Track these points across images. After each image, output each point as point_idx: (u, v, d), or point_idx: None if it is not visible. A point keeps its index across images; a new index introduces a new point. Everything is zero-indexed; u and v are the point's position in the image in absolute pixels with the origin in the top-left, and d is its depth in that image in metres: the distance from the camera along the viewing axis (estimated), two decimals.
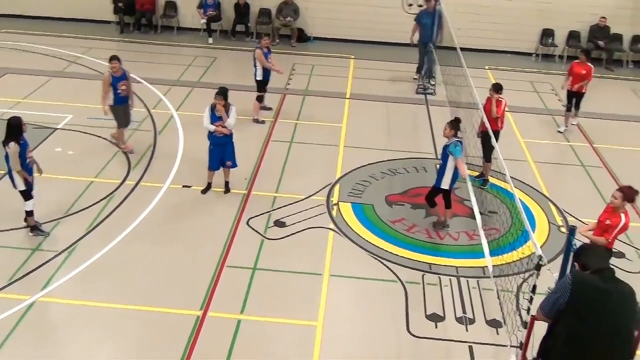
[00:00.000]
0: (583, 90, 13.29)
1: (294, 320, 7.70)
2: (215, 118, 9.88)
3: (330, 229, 9.60)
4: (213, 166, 10.18)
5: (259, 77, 12.90)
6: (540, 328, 5.62)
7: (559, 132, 13.60)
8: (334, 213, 10.00)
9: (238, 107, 10.28)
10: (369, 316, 7.91)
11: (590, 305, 4.48)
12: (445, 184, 9.40)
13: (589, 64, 13.25)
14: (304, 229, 9.51)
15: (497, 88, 10.76)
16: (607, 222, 7.62)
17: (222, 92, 9.93)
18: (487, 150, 10.63)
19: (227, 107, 9.89)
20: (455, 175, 9.33)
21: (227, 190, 10.35)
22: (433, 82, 15.41)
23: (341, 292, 8.33)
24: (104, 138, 11.82)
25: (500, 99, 10.68)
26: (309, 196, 10.38)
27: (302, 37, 19.10)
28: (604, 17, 17.95)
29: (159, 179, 10.64)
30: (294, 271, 8.61)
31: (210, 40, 18.54)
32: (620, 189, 7.71)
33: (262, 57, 12.72)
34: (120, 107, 11.24)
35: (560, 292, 4.61)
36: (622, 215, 7.56)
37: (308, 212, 9.94)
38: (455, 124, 9.44)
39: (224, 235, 9.23)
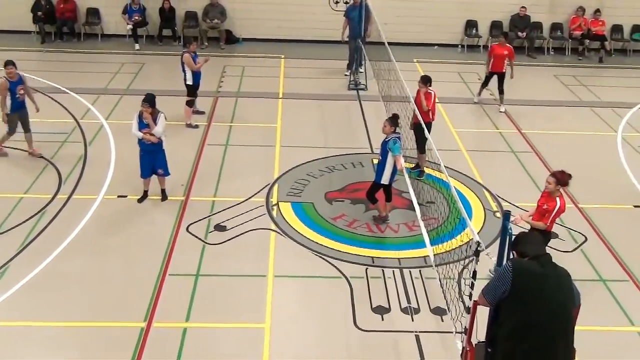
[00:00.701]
0: (504, 70, 13.90)
1: (241, 324, 7.63)
2: (143, 125, 9.69)
3: (271, 229, 9.56)
4: (145, 174, 9.98)
5: (189, 82, 12.73)
6: (483, 312, 5.76)
7: (475, 102, 14.40)
8: (274, 214, 9.97)
9: (170, 113, 10.13)
10: (316, 314, 7.92)
11: (531, 291, 4.61)
12: (385, 180, 9.50)
13: (509, 45, 13.86)
14: (245, 232, 9.44)
15: (425, 80, 10.95)
16: (545, 206, 7.87)
17: (149, 99, 9.72)
18: (421, 142, 10.81)
19: (155, 114, 9.68)
20: (395, 170, 9.45)
21: (164, 197, 10.17)
22: (361, 70, 15.61)
23: (287, 292, 8.31)
24: (29, 152, 11.40)
25: (429, 91, 10.88)
26: (248, 198, 10.31)
27: (230, 38, 18.97)
28: (524, 7, 18.57)
29: (92, 191, 10.35)
30: (237, 275, 8.53)
31: (137, 46, 18.18)
32: (553, 174, 7.93)
33: (191, 61, 12.55)
34: (17, 114, 11.07)
35: (501, 280, 4.73)
36: (558, 200, 7.82)
37: (248, 214, 9.88)
38: (394, 120, 9.55)
39: (163, 244, 9.06)
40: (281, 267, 8.72)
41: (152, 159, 9.90)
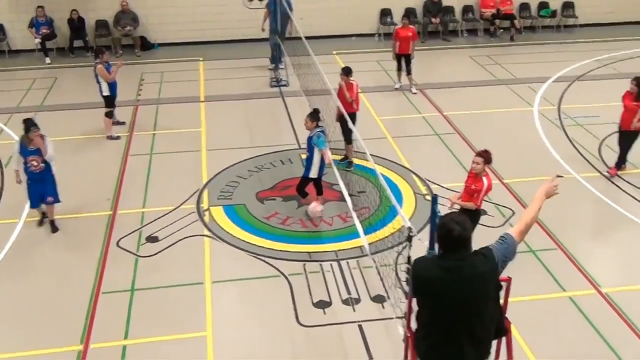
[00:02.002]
0: (410, 51, 14.29)
1: (182, 335, 7.48)
2: (27, 152, 9.07)
3: (205, 235, 9.42)
4: (33, 204, 9.47)
5: (106, 93, 12.34)
6: None
7: (395, 88, 14.69)
8: (206, 219, 9.82)
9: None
10: (257, 315, 7.86)
11: (428, 293, 4.68)
12: (314, 174, 9.50)
13: (412, 27, 14.22)
14: (178, 240, 9.27)
15: (347, 72, 11.01)
16: (473, 187, 8.03)
17: (34, 123, 9.07)
18: (347, 133, 10.87)
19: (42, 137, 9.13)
20: (323, 163, 9.45)
21: (54, 229, 9.50)
22: (282, 67, 15.57)
23: (226, 297, 8.21)
24: None
25: (351, 82, 10.95)
26: (178, 206, 10.12)
27: (145, 44, 18.55)
28: None
29: (13, 214, 9.93)
30: (174, 285, 8.36)
31: (48, 60, 17.52)
32: (479, 154, 8.05)
33: (105, 71, 12.16)
34: None
35: (411, 277, 4.82)
36: (484, 179, 7.99)
37: (179, 222, 9.69)
38: (314, 115, 9.55)
39: (94, 262, 8.78)
40: (218, 272, 8.61)
41: (41, 186, 9.29)
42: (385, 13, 19.23)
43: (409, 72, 14.65)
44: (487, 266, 4.67)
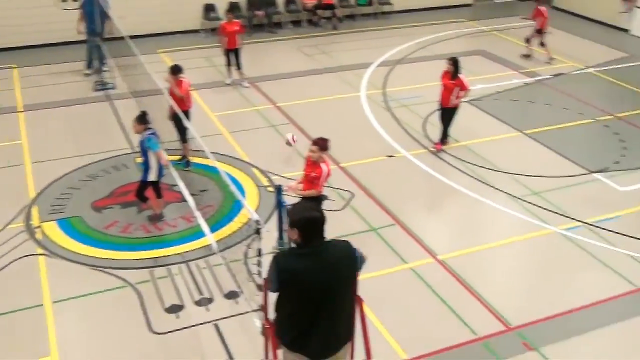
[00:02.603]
0: (238, 46, 14.34)
1: None
2: None
3: (38, 254, 8.80)
4: None
5: None
6: None
7: (227, 83, 14.65)
8: (38, 237, 9.17)
9: None
10: (107, 330, 7.50)
11: (293, 286, 4.76)
12: (152, 177, 9.20)
13: (237, 20, 14.46)
14: (9, 263, 8.57)
15: (174, 71, 10.77)
16: (312, 174, 8.19)
17: None
18: (181, 131, 10.65)
19: None
20: (160, 165, 9.18)
21: None
22: (106, 69, 14.92)
23: (70, 316, 7.73)
24: None
25: (180, 79, 10.72)
26: (4, 227, 9.35)
27: None
28: None
29: None
30: (10, 311, 7.72)
31: None
32: (314, 142, 8.24)
33: None
34: None
35: (271, 276, 4.83)
36: (323, 165, 8.18)
37: (8, 244, 8.96)
38: (141, 118, 9.19)
39: None
40: (58, 291, 8.08)
41: None
42: (209, 8, 19.01)
43: (239, 67, 14.64)
44: (347, 248, 4.88)
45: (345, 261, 4.88)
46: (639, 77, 15.81)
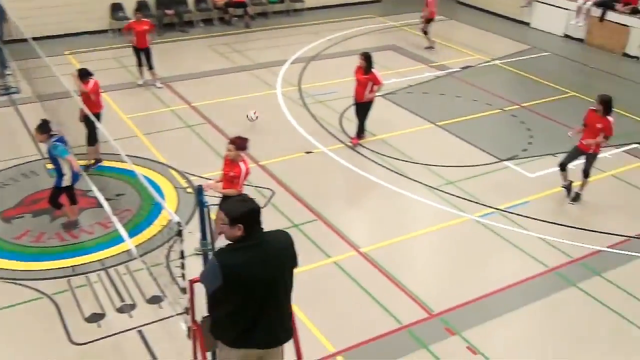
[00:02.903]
0: (148, 45, 14.11)
1: None
2: None
3: None
4: None
5: None
6: (202, 288, 5.83)
7: (139, 84, 14.40)
8: None
9: None
10: (23, 345, 7.18)
11: (240, 283, 4.66)
12: (65, 183, 8.85)
13: (146, 20, 14.27)
14: None
15: (81, 74, 10.41)
16: (231, 173, 8.08)
17: None
18: (92, 133, 10.35)
19: None
20: (73, 171, 8.85)
21: None
22: (9, 73, 14.26)
23: None
24: None
25: (88, 82, 10.37)
26: None
27: None
28: None
29: None
30: None
31: None
32: (231, 141, 8.12)
33: None
34: None
35: (213, 274, 4.67)
36: (242, 164, 8.08)
37: None
38: (42, 127, 8.80)
39: None
40: None
41: None
42: (116, 8, 18.49)
43: (150, 67, 14.32)
44: (288, 238, 4.93)
45: (287, 252, 4.88)
46: (541, 67, 16.60)
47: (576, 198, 10.32)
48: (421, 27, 17.71)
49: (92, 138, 10.48)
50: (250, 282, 4.67)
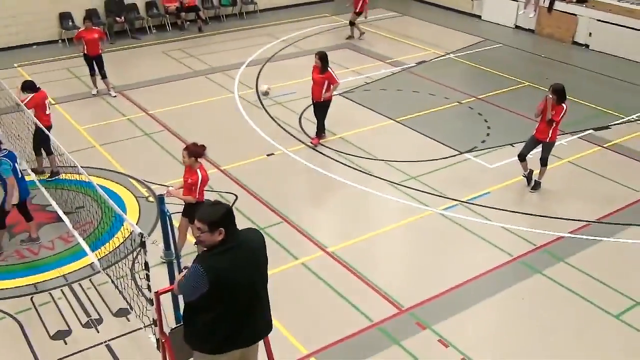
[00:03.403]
0: (100, 53, 13.93)
1: None
2: None
3: None
4: None
5: None
6: (167, 298, 5.74)
7: (94, 94, 14.23)
8: None
9: None
10: None
11: (225, 287, 4.64)
12: (12, 201, 8.54)
13: (96, 28, 14.18)
14: None
15: (25, 87, 10.19)
16: (189, 180, 7.96)
17: None
18: (46, 145, 10.21)
19: None
20: (21, 187, 8.56)
21: None
22: None
23: None
24: None
25: (27, 95, 10.14)
26: None
27: None
28: None
29: None
30: None
31: None
32: (186, 148, 7.99)
33: None
34: None
35: (197, 281, 4.59)
36: (198, 171, 7.96)
37: None
38: None
39: None
40: None
41: None
42: (65, 17, 18.12)
43: (103, 76, 14.06)
44: (260, 237, 4.97)
45: (261, 251, 4.94)
46: (494, 59, 16.85)
47: (536, 186, 10.50)
48: (352, 19, 18.19)
49: (48, 149, 10.31)
50: (235, 285, 4.67)
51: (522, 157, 10.39)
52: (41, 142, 10.29)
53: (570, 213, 9.90)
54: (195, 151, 7.87)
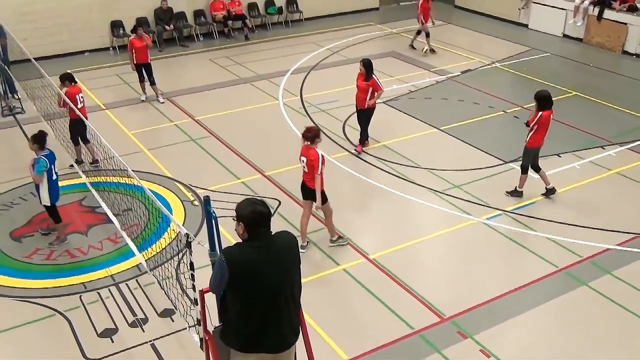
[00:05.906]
0: (149, 60, 14.27)
1: None
2: None
3: None
4: None
5: None
6: (211, 298, 5.86)
7: (142, 100, 14.55)
8: None
9: None
10: None
11: (247, 279, 4.75)
12: (45, 201, 8.94)
13: (147, 35, 14.60)
14: None
15: (64, 79, 10.96)
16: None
17: None
18: (83, 135, 11.18)
19: None
20: (52, 188, 8.92)
21: None
22: (17, 97, 14.36)
23: None
24: None
25: (67, 87, 10.88)
26: None
27: None
28: (165, 0, 18.76)
29: None
30: None
31: None
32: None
33: None
34: None
35: (220, 271, 4.78)
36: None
37: None
38: (36, 137, 8.94)
39: None
40: None
41: None
42: (116, 25, 18.62)
43: (152, 82, 14.40)
44: (292, 239, 5.02)
45: (291, 252, 4.98)
46: (541, 68, 16.64)
47: (514, 193, 10.49)
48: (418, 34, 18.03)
49: (74, 139, 11.13)
50: (254, 278, 4.76)
51: (533, 168, 10.35)
52: (76, 132, 10.99)
53: (617, 225, 9.71)
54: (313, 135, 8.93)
